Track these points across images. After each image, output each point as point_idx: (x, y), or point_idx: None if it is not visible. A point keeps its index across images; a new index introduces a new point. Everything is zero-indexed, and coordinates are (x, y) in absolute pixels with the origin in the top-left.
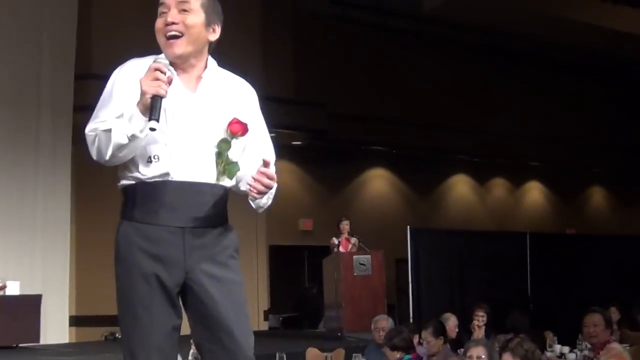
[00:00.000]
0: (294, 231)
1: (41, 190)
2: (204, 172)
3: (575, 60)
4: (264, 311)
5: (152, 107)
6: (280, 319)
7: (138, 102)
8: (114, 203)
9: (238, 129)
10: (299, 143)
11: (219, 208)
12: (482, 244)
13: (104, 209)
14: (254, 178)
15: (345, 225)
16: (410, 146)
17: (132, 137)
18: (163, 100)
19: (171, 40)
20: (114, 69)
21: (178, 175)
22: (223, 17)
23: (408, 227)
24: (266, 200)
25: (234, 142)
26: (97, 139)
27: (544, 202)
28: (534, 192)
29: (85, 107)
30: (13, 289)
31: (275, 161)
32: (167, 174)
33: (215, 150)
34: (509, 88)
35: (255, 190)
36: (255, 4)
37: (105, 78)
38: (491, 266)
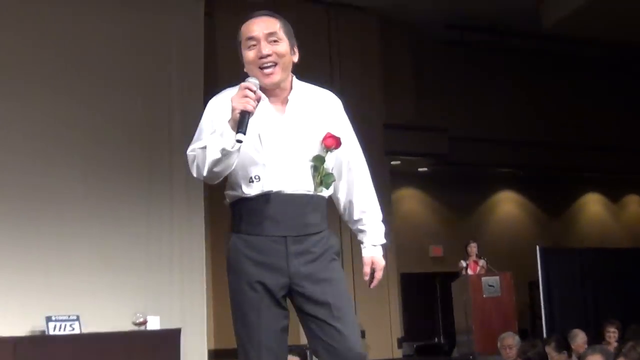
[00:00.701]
0: (424, 258)
1: (177, 228)
2: (302, 184)
3: None
4: (398, 339)
5: (239, 122)
6: (415, 346)
7: (229, 119)
8: None
9: (332, 143)
10: (424, 169)
11: (317, 216)
12: (615, 261)
13: None
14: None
15: (472, 248)
16: (538, 167)
17: (224, 151)
18: (261, 126)
19: (266, 70)
20: None
21: (279, 188)
22: (342, 47)
23: (537, 246)
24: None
25: (328, 154)
26: (194, 157)
27: None
28: None
29: None
30: (154, 323)
31: (403, 188)
32: (269, 191)
33: (311, 164)
34: (634, 102)
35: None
36: (374, 32)
37: None
38: (625, 283)
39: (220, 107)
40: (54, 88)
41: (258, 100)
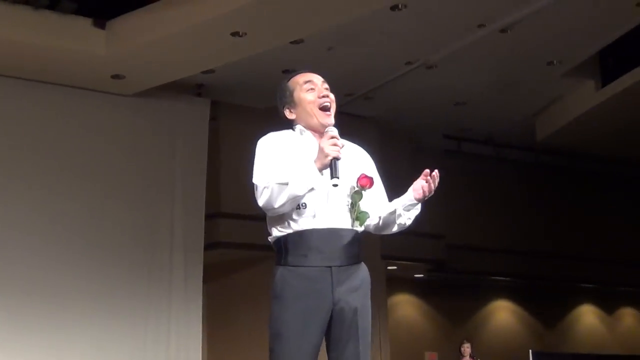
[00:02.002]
0: None
1: (174, 329)
2: (341, 219)
3: None
4: None
5: (332, 167)
6: None
7: (315, 161)
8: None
9: (366, 182)
10: (421, 276)
11: (355, 248)
12: None
13: (235, 346)
14: (425, 180)
15: (466, 348)
16: (534, 277)
17: (310, 190)
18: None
19: (327, 112)
20: (241, 207)
21: (321, 223)
22: None
23: (530, 351)
24: (407, 220)
25: (363, 193)
26: (268, 190)
27: None
28: None
29: (214, 244)
30: None
31: (398, 294)
32: (312, 224)
33: (349, 201)
34: (628, 215)
35: (422, 193)
36: (374, 140)
37: (233, 216)
38: None
39: (279, 144)
40: (56, 188)
41: (342, 147)
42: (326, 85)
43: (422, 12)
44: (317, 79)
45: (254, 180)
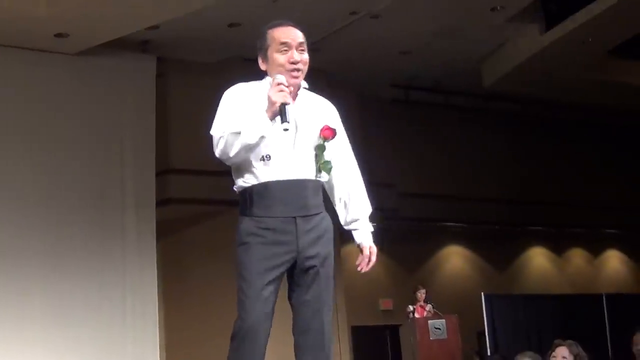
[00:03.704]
0: (374, 311)
1: (129, 286)
2: (305, 170)
3: None
4: None
5: (282, 113)
6: None
7: (266, 109)
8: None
9: (329, 133)
10: (373, 225)
11: (318, 198)
12: (560, 308)
13: (191, 300)
14: (359, 264)
15: (421, 294)
16: (484, 221)
17: (261, 139)
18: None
19: (294, 73)
20: (192, 162)
21: (285, 175)
22: None
23: (482, 294)
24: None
25: (326, 144)
26: (224, 140)
27: (623, 269)
28: (613, 260)
29: (166, 201)
30: None
31: (351, 243)
32: (276, 175)
33: (313, 152)
34: (575, 158)
35: (364, 269)
36: (323, 90)
37: (184, 172)
38: (570, 330)
39: (240, 96)
40: (4, 150)
41: (290, 92)
42: (303, 47)
43: None
44: (294, 39)
45: (211, 132)
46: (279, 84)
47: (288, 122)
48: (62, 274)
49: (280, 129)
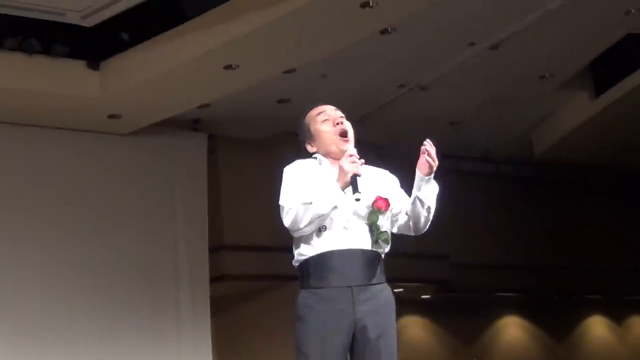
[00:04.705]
0: None
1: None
2: (361, 240)
3: None
4: None
5: (353, 183)
6: None
7: (337, 180)
8: None
9: (382, 204)
10: (428, 297)
11: (376, 268)
12: None
13: None
14: (424, 150)
15: None
16: (541, 291)
17: (334, 208)
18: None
19: (344, 137)
20: (244, 239)
21: (340, 244)
22: None
23: None
24: (425, 222)
25: (380, 215)
26: (294, 211)
27: None
28: None
29: (220, 277)
30: None
31: (407, 316)
32: (332, 246)
33: (367, 222)
34: (631, 224)
35: (426, 165)
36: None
37: (237, 248)
38: None
39: (303, 170)
40: (60, 229)
41: (361, 164)
42: (340, 114)
43: (411, 33)
44: (330, 109)
45: (280, 202)
46: (351, 155)
47: (360, 193)
48: (116, 354)
49: (350, 201)
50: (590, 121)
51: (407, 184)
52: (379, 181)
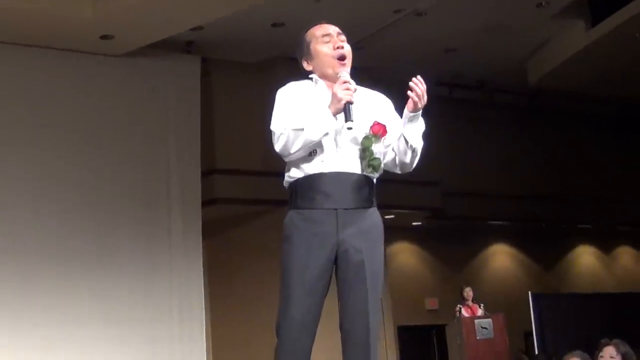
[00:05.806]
0: (420, 311)
1: (176, 286)
2: (351, 164)
3: None
4: None
5: (346, 111)
6: None
7: (329, 106)
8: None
9: (378, 129)
10: (418, 224)
11: (365, 193)
12: (608, 306)
13: (237, 300)
14: (411, 86)
15: (469, 292)
16: (530, 219)
17: (325, 135)
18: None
19: (342, 61)
20: (236, 163)
21: (329, 167)
22: None
23: (530, 292)
24: (410, 162)
25: (375, 140)
26: (285, 136)
27: None
28: None
29: (212, 201)
30: None
31: (397, 242)
32: (321, 168)
33: (360, 147)
34: (623, 154)
35: (413, 102)
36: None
37: (230, 172)
38: (619, 329)
39: (296, 93)
40: (51, 150)
41: (354, 91)
42: (342, 37)
43: None
44: (333, 30)
45: (272, 127)
46: (345, 81)
47: (352, 121)
48: (109, 275)
49: (341, 127)
50: (586, 50)
51: (400, 111)
52: (373, 106)
